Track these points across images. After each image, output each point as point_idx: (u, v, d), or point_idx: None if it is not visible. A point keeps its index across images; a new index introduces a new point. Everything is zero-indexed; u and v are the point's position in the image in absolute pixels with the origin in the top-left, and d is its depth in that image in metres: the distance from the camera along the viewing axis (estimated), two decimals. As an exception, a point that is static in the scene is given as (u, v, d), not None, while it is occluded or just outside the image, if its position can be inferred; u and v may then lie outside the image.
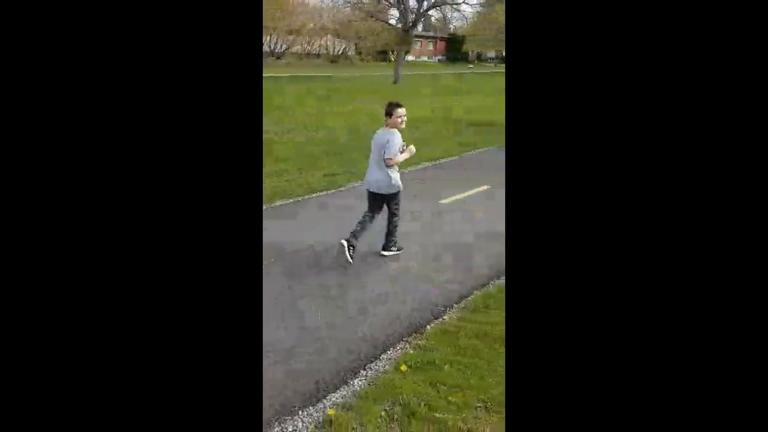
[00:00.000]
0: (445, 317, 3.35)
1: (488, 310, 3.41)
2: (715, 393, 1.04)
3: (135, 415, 1.07)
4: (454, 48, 50.58)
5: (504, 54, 52.12)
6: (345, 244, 3.96)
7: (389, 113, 3.95)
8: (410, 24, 27.57)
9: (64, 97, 1.07)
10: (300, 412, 2.40)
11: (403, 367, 2.73)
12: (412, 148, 4.06)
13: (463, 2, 30.02)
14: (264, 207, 5.50)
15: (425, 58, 52.05)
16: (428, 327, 3.22)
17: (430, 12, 31.87)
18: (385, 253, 4.25)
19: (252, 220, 1.18)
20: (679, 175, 1.07)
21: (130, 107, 1.10)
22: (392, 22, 28.27)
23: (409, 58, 43.76)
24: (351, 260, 3.98)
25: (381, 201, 4.15)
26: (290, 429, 2.30)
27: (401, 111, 3.95)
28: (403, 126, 4.00)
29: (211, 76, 1.13)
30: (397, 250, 4.30)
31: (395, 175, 4.04)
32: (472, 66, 48.65)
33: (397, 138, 3.94)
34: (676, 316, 1.06)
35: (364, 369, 2.77)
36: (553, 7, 1.15)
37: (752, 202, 1.05)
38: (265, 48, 37.56)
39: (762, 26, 1.05)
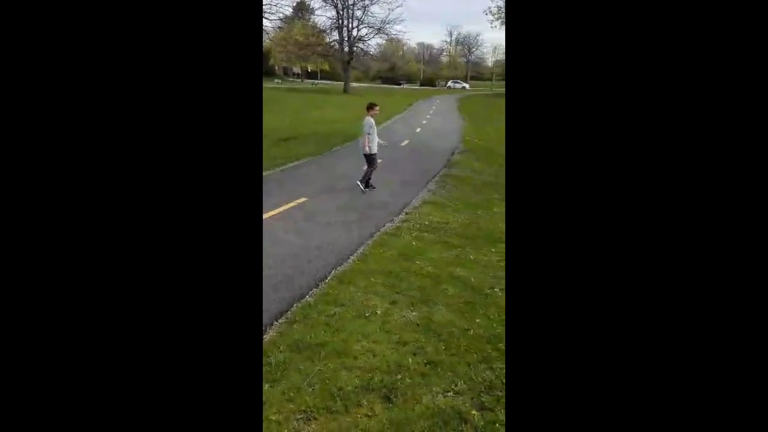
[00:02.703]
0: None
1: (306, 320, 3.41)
2: (714, 395, 1.03)
3: (132, 415, 1.07)
4: (259, 62, 49.83)
5: (309, 70, 53.65)
6: (359, 184, 7.54)
7: (370, 107, 7.46)
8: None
9: (67, 101, 1.07)
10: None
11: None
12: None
13: (264, 17, 29.82)
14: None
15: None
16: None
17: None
18: (360, 185, 7.50)
19: (252, 218, 1.18)
20: (675, 177, 1.07)
21: (134, 110, 1.10)
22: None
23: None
24: (364, 191, 7.45)
25: (365, 158, 7.58)
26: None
27: (376, 107, 7.57)
28: (376, 115, 7.61)
29: (211, 77, 1.14)
30: (369, 188, 7.56)
31: (369, 146, 7.47)
32: (279, 81, 48.71)
33: (369, 123, 7.38)
34: (674, 317, 1.06)
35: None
36: (552, 12, 1.13)
37: (751, 203, 1.04)
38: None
39: (762, 26, 1.03)
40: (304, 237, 5.26)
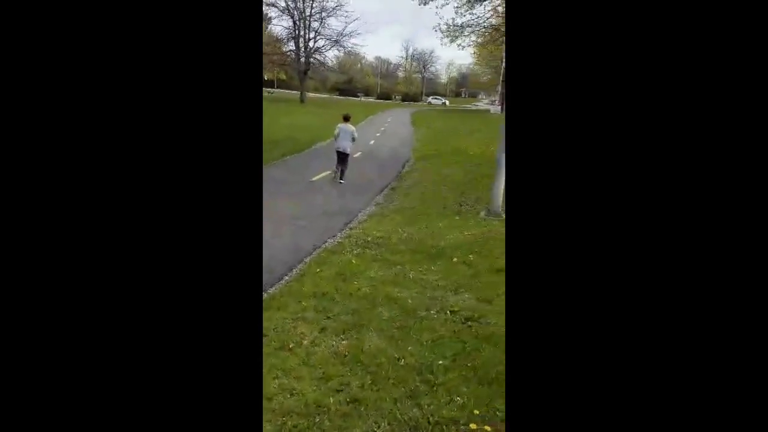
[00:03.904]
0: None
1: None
2: (714, 395, 1.03)
3: (131, 416, 1.06)
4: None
5: (265, 78, 52.89)
6: (337, 178, 9.34)
7: (348, 118, 9.42)
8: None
9: (68, 102, 1.06)
10: None
11: None
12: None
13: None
14: None
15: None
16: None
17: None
18: (341, 181, 9.15)
19: (253, 217, 1.17)
20: (674, 180, 1.07)
21: (135, 111, 1.09)
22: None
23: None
24: (341, 182, 9.20)
25: (343, 156, 9.23)
26: None
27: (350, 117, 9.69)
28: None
29: (212, 78, 1.13)
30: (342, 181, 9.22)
31: (352, 145, 9.37)
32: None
33: (353, 130, 9.42)
34: (675, 318, 1.06)
35: None
36: (552, 13, 1.13)
37: (751, 204, 1.03)
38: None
39: (762, 26, 1.02)
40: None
